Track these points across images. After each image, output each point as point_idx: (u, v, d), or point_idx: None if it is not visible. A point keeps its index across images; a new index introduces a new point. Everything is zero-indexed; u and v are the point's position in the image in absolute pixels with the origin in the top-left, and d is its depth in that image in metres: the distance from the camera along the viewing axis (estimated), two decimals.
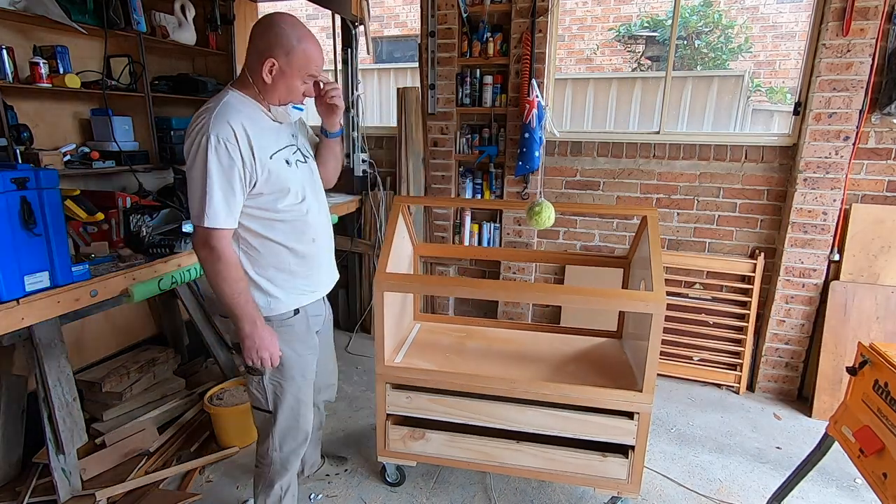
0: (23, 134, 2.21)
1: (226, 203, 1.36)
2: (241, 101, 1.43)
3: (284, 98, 1.46)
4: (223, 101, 1.40)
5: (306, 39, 1.41)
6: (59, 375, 1.76)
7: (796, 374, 2.90)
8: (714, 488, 2.20)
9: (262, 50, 1.39)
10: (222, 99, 1.41)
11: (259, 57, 1.40)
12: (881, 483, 1.47)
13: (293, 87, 1.45)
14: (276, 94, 1.45)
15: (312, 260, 1.59)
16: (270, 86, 1.42)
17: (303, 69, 1.43)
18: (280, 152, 1.47)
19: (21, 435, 2.07)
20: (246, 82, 1.45)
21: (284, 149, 1.49)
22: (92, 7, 2.37)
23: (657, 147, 3.03)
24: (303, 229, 1.54)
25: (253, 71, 1.42)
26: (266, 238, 1.48)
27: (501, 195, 3.31)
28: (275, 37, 1.38)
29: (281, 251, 1.51)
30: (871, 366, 1.58)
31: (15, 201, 1.48)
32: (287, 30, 1.39)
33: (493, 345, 2.27)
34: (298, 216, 1.52)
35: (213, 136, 1.32)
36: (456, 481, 2.20)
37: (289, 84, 1.43)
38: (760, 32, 7.44)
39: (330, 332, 1.94)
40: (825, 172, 2.66)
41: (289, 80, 1.42)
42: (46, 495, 1.94)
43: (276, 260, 1.52)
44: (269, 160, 1.42)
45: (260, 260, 1.50)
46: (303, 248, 1.55)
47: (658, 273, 1.75)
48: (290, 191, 1.47)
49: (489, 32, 3.12)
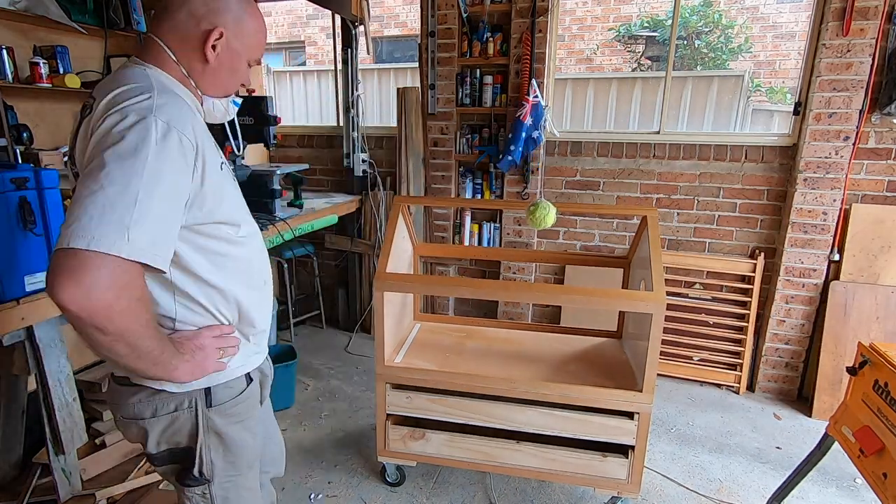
0: (23, 134, 2.21)
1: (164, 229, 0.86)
2: (174, 85, 0.99)
3: (226, 85, 1.07)
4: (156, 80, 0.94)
5: (255, 8, 1.05)
6: (59, 375, 1.76)
7: (796, 374, 2.90)
8: (714, 488, 2.20)
9: (201, 14, 0.97)
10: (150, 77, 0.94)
11: (196, 24, 0.97)
12: (881, 483, 1.47)
13: (238, 70, 1.06)
14: (217, 80, 1.04)
15: (266, 308, 1.18)
16: (212, 67, 1.01)
17: (252, 48, 1.06)
18: (224, 164, 1.04)
19: (21, 435, 2.07)
20: (164, 59, 0.99)
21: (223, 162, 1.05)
22: (92, 7, 2.38)
23: (657, 147, 3.03)
24: (254, 268, 1.12)
25: (183, 44, 0.98)
26: (212, 285, 1.02)
27: (501, 195, 3.31)
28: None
29: (231, 300, 1.07)
30: (871, 366, 1.58)
31: (15, 201, 1.48)
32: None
33: (493, 345, 2.27)
34: (249, 251, 1.10)
35: (161, 122, 0.85)
36: (456, 481, 2.20)
37: (234, 66, 1.04)
38: (760, 32, 7.44)
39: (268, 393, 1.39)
40: (825, 172, 2.66)
41: (235, 61, 1.03)
42: (46, 495, 1.94)
43: (227, 312, 1.07)
44: (220, 172, 0.99)
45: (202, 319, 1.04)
46: (254, 293, 1.12)
47: (658, 273, 1.75)
48: (240, 215, 1.06)
49: (489, 32, 3.12)
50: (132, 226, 0.80)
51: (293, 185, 2.96)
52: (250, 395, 1.16)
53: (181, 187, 0.89)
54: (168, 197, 0.86)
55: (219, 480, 1.12)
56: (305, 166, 3.24)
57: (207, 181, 0.93)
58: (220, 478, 1.12)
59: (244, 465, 1.16)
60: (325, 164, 3.82)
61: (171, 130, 0.86)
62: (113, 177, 0.80)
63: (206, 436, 1.07)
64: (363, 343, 3.54)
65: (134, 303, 0.84)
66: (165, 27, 0.98)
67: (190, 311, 1.02)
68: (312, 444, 2.44)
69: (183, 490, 1.12)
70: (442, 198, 3.42)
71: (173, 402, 1.04)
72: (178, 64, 0.99)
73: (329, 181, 3.84)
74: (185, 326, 1.03)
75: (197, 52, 0.99)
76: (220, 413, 1.08)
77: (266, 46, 1.17)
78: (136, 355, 0.88)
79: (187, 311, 1.02)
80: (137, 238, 0.80)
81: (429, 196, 3.43)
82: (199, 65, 1.00)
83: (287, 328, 3.55)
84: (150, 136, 0.83)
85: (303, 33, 8.74)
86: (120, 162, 0.81)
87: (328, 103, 6.08)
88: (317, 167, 3.82)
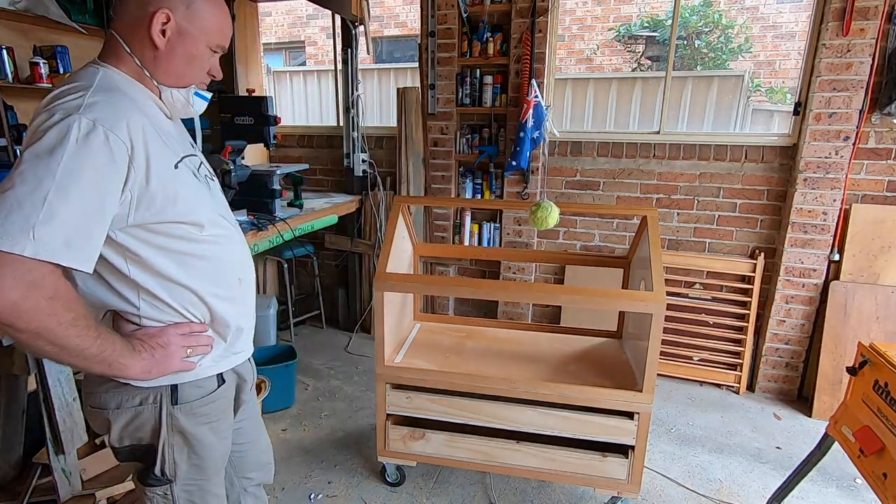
0: (23, 134, 2.21)
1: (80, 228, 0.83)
2: (125, 82, 0.96)
3: (184, 73, 1.01)
4: (101, 78, 0.91)
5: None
6: (59, 375, 1.76)
7: (796, 374, 2.90)
8: (714, 488, 2.20)
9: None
10: (96, 75, 0.92)
11: (143, 10, 0.93)
12: (881, 483, 1.47)
13: (197, 56, 1.00)
14: (171, 67, 0.99)
15: (242, 307, 1.14)
16: (163, 53, 0.96)
17: (210, 32, 0.99)
18: (184, 161, 1.00)
19: (21, 435, 2.07)
20: (120, 54, 0.97)
21: (187, 157, 1.02)
22: (92, 7, 2.38)
23: (657, 147, 3.03)
24: (225, 267, 1.09)
25: (134, 34, 0.95)
26: (178, 284, 1.01)
27: (501, 195, 3.31)
28: None
29: (198, 302, 1.05)
30: (871, 366, 1.58)
31: None
32: None
33: (493, 345, 2.27)
34: (219, 250, 1.07)
35: (85, 120, 0.83)
36: (456, 481, 2.20)
37: (189, 51, 0.98)
38: (760, 32, 7.45)
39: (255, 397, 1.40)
40: (825, 172, 2.66)
41: (189, 46, 0.98)
42: (46, 495, 1.94)
43: (196, 311, 1.05)
44: (174, 171, 0.96)
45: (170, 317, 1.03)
46: (226, 292, 1.09)
47: (658, 273, 1.75)
48: (203, 215, 1.02)
49: (489, 32, 3.12)
50: (38, 225, 0.78)
51: (293, 185, 2.96)
52: (221, 396, 1.12)
53: (106, 186, 0.86)
54: (87, 196, 0.83)
55: (182, 482, 1.09)
56: (305, 166, 3.25)
57: (154, 180, 0.91)
58: (183, 479, 1.09)
59: (211, 468, 1.13)
60: (325, 164, 3.83)
61: (97, 129, 0.84)
62: (25, 176, 0.80)
63: (170, 434, 1.05)
64: (363, 343, 3.54)
65: (45, 302, 0.82)
66: (120, 19, 0.96)
67: (156, 308, 1.01)
68: (312, 444, 2.44)
69: (144, 490, 1.09)
70: (442, 198, 3.42)
71: (138, 395, 1.02)
72: (132, 55, 0.97)
73: (329, 181, 3.84)
74: (152, 323, 1.02)
75: (146, 38, 0.95)
76: (187, 412, 1.06)
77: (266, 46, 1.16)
78: (66, 353, 0.87)
79: (153, 309, 1.01)
80: (45, 237, 0.79)
81: (429, 196, 3.43)
82: (150, 52, 0.96)
83: (287, 328, 3.55)
84: (70, 135, 0.82)
85: (303, 33, 8.74)
86: (35, 161, 0.81)
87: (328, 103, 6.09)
88: (317, 167, 3.82)
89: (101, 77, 0.92)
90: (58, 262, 0.81)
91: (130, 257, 0.95)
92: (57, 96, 0.87)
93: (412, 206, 3.30)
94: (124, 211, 0.90)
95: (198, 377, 1.07)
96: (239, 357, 1.17)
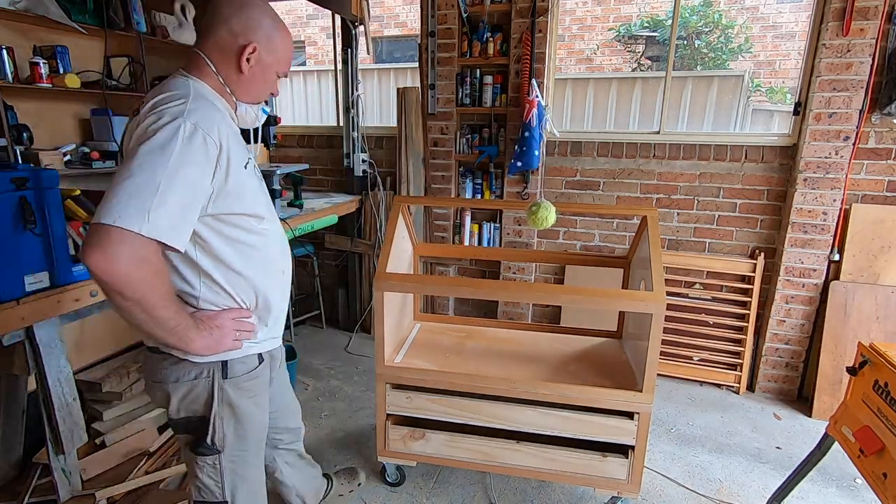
0: (23, 134, 2.21)
1: (181, 214, 1.00)
2: (210, 93, 1.15)
3: (258, 94, 1.24)
4: (194, 89, 1.10)
5: (283, 27, 1.22)
6: (59, 375, 1.76)
7: (796, 374, 2.90)
8: (714, 488, 2.20)
9: (238, 31, 1.13)
10: (189, 86, 1.10)
11: (233, 40, 1.13)
12: (881, 483, 1.47)
13: (269, 81, 1.23)
14: (250, 88, 1.20)
15: (282, 295, 1.33)
16: (246, 77, 1.17)
17: (281, 61, 1.22)
18: (249, 162, 1.18)
19: (21, 435, 2.07)
20: (204, 70, 1.15)
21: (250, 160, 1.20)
22: (92, 7, 2.38)
23: (657, 147, 3.03)
24: (273, 258, 1.27)
25: (222, 57, 1.15)
26: (235, 271, 1.18)
27: (501, 195, 3.31)
28: (255, 18, 1.15)
29: (249, 289, 1.22)
30: (871, 366, 1.58)
31: (15, 201, 1.48)
32: (268, 11, 1.18)
33: (493, 345, 2.27)
34: (268, 242, 1.25)
35: (189, 123, 1.01)
36: (456, 481, 2.20)
37: (266, 77, 1.20)
38: (760, 32, 7.45)
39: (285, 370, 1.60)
40: (825, 172, 2.66)
41: (266, 73, 1.20)
42: (46, 495, 1.94)
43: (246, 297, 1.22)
44: (244, 170, 1.14)
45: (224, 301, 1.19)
46: (272, 282, 1.28)
47: (658, 273, 1.75)
48: (262, 208, 1.21)
49: (489, 32, 3.12)
50: (152, 209, 0.95)
51: (293, 185, 2.96)
52: (261, 373, 1.30)
53: (201, 180, 1.03)
54: (188, 187, 1.00)
55: (228, 453, 1.25)
56: (305, 166, 3.24)
57: (231, 177, 1.09)
58: (229, 450, 1.25)
59: (252, 440, 1.30)
60: (325, 164, 3.83)
61: (198, 131, 1.01)
62: (143, 167, 0.96)
63: (220, 406, 1.20)
64: (363, 343, 3.54)
65: (150, 275, 0.99)
66: (208, 43, 1.15)
67: (213, 292, 1.17)
68: (312, 444, 2.44)
69: (195, 459, 1.24)
70: (442, 198, 3.42)
71: (194, 370, 1.18)
72: (217, 74, 1.16)
73: (329, 181, 3.84)
74: (207, 306, 1.18)
75: (233, 63, 1.15)
76: (234, 386, 1.22)
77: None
78: (153, 322, 1.03)
79: (211, 292, 1.17)
80: (156, 220, 0.95)
81: (429, 196, 3.44)
82: (235, 75, 1.17)
83: (287, 328, 3.53)
84: (178, 135, 0.99)
85: (303, 33, 8.75)
86: (150, 155, 0.97)
87: (328, 103, 6.09)
88: (317, 167, 3.82)
89: (193, 87, 1.10)
90: (165, 242, 0.98)
91: (199, 244, 1.12)
92: (161, 102, 1.04)
93: (412, 206, 3.30)
94: (206, 202, 1.07)
95: (243, 355, 1.23)
96: (276, 341, 1.36)
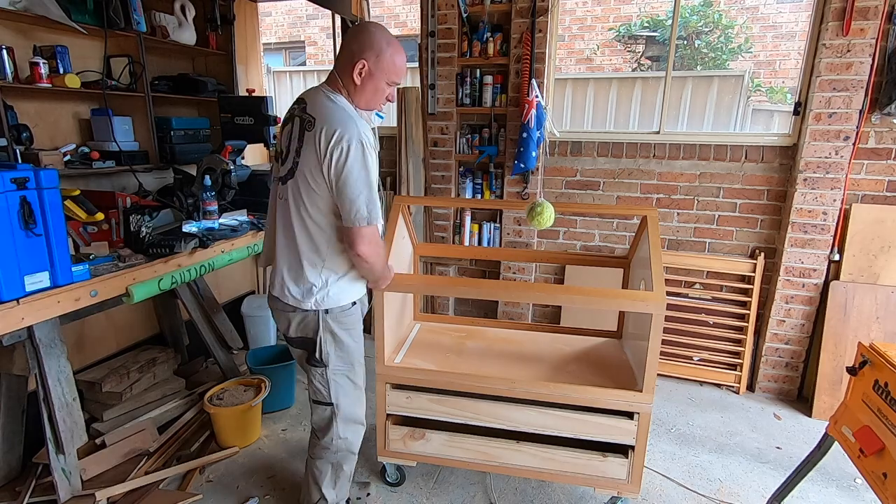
0: (23, 134, 2.21)
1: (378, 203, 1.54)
2: (350, 107, 1.53)
3: (370, 100, 1.56)
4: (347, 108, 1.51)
5: (395, 46, 1.53)
6: (59, 375, 1.76)
7: (796, 374, 2.90)
8: (714, 488, 2.20)
9: (354, 51, 1.49)
10: (344, 105, 1.51)
11: (351, 58, 1.49)
12: (881, 483, 1.47)
13: (379, 89, 1.54)
14: (363, 96, 1.54)
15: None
16: (359, 87, 1.52)
17: (389, 73, 1.52)
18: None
19: (21, 435, 2.07)
20: (336, 84, 1.54)
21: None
22: (92, 7, 2.37)
23: (657, 147, 3.03)
24: None
25: (343, 73, 1.52)
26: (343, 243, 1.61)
27: (501, 195, 3.31)
28: (367, 40, 1.49)
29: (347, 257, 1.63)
30: (871, 366, 1.58)
31: (15, 201, 1.48)
32: (378, 34, 1.51)
33: (493, 345, 2.27)
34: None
35: (359, 142, 1.43)
36: (456, 481, 2.20)
37: (375, 85, 1.53)
38: (760, 32, 7.44)
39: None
40: (825, 172, 2.66)
41: (376, 82, 1.52)
42: (46, 495, 1.94)
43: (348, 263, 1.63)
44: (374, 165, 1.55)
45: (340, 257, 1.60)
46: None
47: (658, 273, 1.75)
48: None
49: (489, 32, 3.12)
50: (374, 209, 1.49)
51: None
52: (354, 312, 1.69)
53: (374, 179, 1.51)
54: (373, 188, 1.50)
55: (332, 367, 1.66)
56: None
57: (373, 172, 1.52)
58: (333, 364, 1.66)
59: (351, 361, 1.70)
60: None
61: (366, 147, 1.46)
62: (363, 182, 1.46)
63: (324, 332, 1.62)
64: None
65: (382, 249, 1.60)
66: (339, 63, 1.54)
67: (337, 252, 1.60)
68: None
69: (310, 369, 1.68)
70: (442, 198, 3.42)
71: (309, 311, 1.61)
72: (345, 88, 1.54)
73: None
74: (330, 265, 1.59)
75: (350, 77, 1.51)
76: (333, 318, 1.62)
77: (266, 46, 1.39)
78: (375, 273, 1.65)
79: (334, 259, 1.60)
80: (377, 215, 1.50)
81: (429, 196, 3.43)
82: (353, 87, 1.53)
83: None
84: (364, 153, 1.45)
85: (303, 33, 8.74)
86: (362, 171, 1.45)
87: None
88: None
89: (345, 105, 1.52)
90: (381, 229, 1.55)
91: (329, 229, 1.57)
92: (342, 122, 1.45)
93: (412, 206, 3.30)
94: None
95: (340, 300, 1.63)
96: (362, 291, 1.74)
